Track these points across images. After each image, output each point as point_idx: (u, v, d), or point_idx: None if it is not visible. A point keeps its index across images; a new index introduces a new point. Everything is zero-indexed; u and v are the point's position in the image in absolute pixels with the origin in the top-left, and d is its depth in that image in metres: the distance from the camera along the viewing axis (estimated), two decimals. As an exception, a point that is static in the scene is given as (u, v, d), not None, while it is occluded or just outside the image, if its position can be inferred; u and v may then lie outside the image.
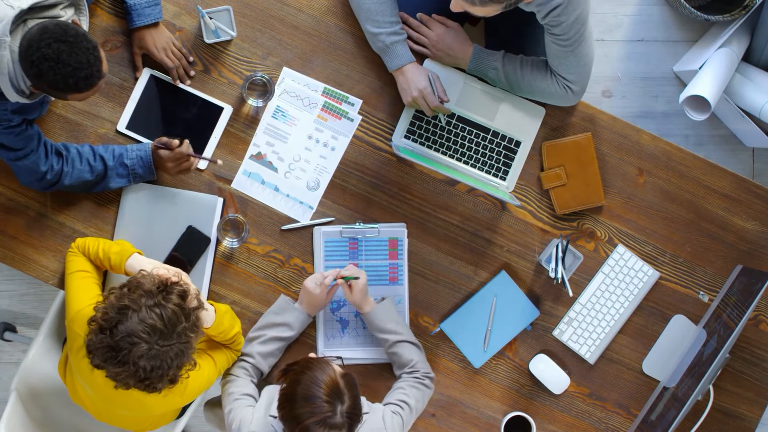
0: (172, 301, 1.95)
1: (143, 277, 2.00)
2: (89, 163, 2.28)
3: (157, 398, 2.10)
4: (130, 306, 1.92)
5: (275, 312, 2.35)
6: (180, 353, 1.95)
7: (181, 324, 1.95)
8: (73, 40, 1.91)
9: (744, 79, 2.97)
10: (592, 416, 2.47)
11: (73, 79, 1.92)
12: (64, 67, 1.91)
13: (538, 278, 2.45)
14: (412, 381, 2.31)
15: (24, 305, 3.17)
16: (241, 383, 2.26)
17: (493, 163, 2.43)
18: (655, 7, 3.21)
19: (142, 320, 1.91)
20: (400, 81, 2.34)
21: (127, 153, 2.30)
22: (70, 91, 1.95)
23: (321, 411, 1.98)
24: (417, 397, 2.29)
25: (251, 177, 2.41)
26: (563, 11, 2.12)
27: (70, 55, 1.91)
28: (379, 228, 2.41)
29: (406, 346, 2.33)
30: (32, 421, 2.46)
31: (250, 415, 2.17)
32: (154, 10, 2.30)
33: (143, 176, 2.32)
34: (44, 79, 1.92)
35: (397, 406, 2.25)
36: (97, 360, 1.94)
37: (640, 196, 2.45)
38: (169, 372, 1.96)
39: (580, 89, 2.32)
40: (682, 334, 2.47)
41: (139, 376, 1.93)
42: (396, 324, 2.33)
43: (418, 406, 2.29)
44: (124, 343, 1.90)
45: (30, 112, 2.17)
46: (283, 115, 2.41)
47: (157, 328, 1.91)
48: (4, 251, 2.39)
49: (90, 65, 1.93)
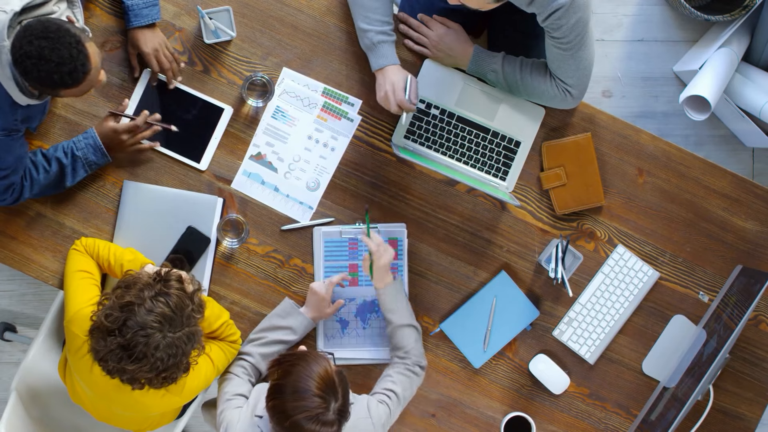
0: (173, 286, 1.95)
1: (137, 274, 1.99)
2: (45, 170, 2.27)
3: (156, 398, 2.10)
4: (134, 301, 1.91)
5: (279, 315, 2.34)
6: (191, 336, 1.95)
7: (188, 307, 1.95)
8: (55, 36, 1.90)
9: (744, 79, 2.97)
10: (592, 416, 2.47)
11: (58, 75, 1.91)
12: (46, 64, 1.90)
13: (538, 278, 2.45)
14: (401, 368, 2.28)
15: (24, 305, 3.17)
16: (237, 382, 2.25)
17: (492, 164, 2.43)
18: (655, 7, 3.21)
19: (150, 311, 1.90)
20: (379, 79, 2.32)
21: (76, 145, 2.29)
22: (59, 87, 1.94)
23: (313, 406, 1.92)
24: (405, 384, 2.26)
25: (251, 177, 2.41)
26: (564, 14, 2.11)
27: (52, 51, 1.90)
28: (379, 228, 2.41)
29: (405, 330, 2.31)
30: (32, 421, 2.46)
31: (237, 415, 2.14)
32: (152, 11, 2.30)
33: (97, 162, 2.32)
34: (30, 77, 1.92)
35: (383, 395, 2.22)
36: (111, 364, 1.92)
37: (640, 196, 2.45)
38: (183, 359, 1.96)
39: (579, 93, 2.32)
40: (682, 334, 2.47)
41: (158, 367, 1.92)
42: (401, 306, 2.32)
43: (405, 394, 2.26)
44: (138, 337, 1.89)
45: (33, 119, 2.17)
46: (283, 116, 2.41)
47: (167, 316, 1.91)
48: (4, 251, 2.39)
49: (73, 59, 1.91)
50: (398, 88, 2.28)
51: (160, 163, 2.40)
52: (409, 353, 2.30)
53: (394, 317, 2.31)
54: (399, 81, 2.28)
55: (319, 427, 1.93)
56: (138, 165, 2.39)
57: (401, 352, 2.30)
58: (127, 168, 2.39)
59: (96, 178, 2.38)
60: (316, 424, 1.92)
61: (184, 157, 2.39)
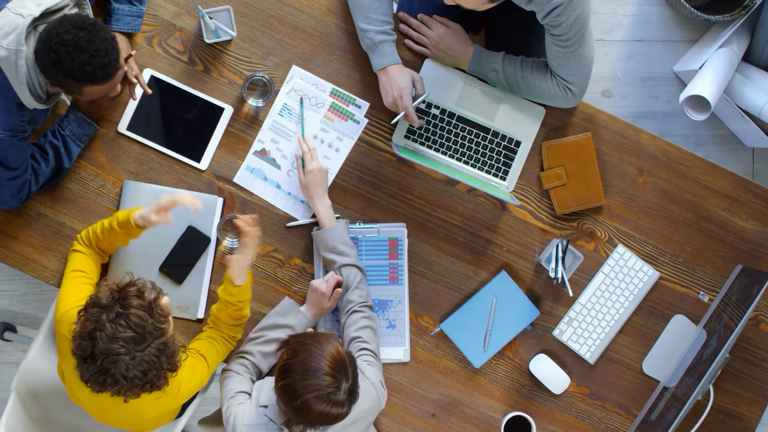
0: (131, 305, 1.93)
1: (99, 291, 1.98)
2: (44, 159, 2.28)
3: (148, 402, 2.10)
4: (96, 327, 1.91)
5: (279, 314, 2.34)
6: (162, 346, 1.95)
7: (148, 322, 1.93)
8: (92, 29, 1.93)
9: (744, 79, 2.97)
10: (592, 416, 2.47)
11: (90, 66, 1.93)
12: (81, 54, 1.92)
13: (538, 278, 2.45)
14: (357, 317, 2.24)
15: (24, 305, 3.17)
16: (239, 380, 2.25)
17: (493, 163, 2.43)
18: (655, 7, 3.22)
19: (112, 337, 1.90)
20: (383, 81, 2.33)
21: (61, 124, 2.30)
22: (87, 81, 1.96)
23: (324, 385, 1.89)
24: (370, 336, 2.24)
25: (254, 173, 2.41)
26: (563, 11, 2.11)
27: (89, 41, 1.92)
28: (379, 228, 2.41)
29: (352, 270, 2.30)
30: (32, 421, 2.46)
31: (242, 410, 2.15)
32: (134, 21, 2.32)
33: (84, 132, 2.32)
34: (61, 66, 1.93)
35: (365, 356, 2.20)
36: (96, 387, 1.95)
37: (640, 196, 2.45)
38: (163, 369, 1.96)
39: (580, 91, 2.32)
40: (682, 334, 2.47)
41: (136, 384, 1.93)
42: (347, 246, 2.31)
43: (376, 343, 2.25)
44: (107, 363, 1.90)
45: (38, 120, 2.19)
46: (290, 113, 2.41)
47: (129, 338, 1.91)
48: (4, 251, 2.39)
49: (107, 54, 1.95)
50: (405, 94, 2.29)
51: (160, 163, 2.40)
52: (353, 302, 2.26)
53: (338, 258, 2.29)
54: (407, 87, 2.30)
55: (330, 407, 1.90)
56: (138, 164, 2.39)
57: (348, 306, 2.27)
58: (127, 168, 2.39)
59: (96, 177, 2.39)
60: (327, 404, 1.89)
61: (184, 157, 2.39)
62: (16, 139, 2.13)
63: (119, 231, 2.20)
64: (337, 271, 2.30)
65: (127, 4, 2.30)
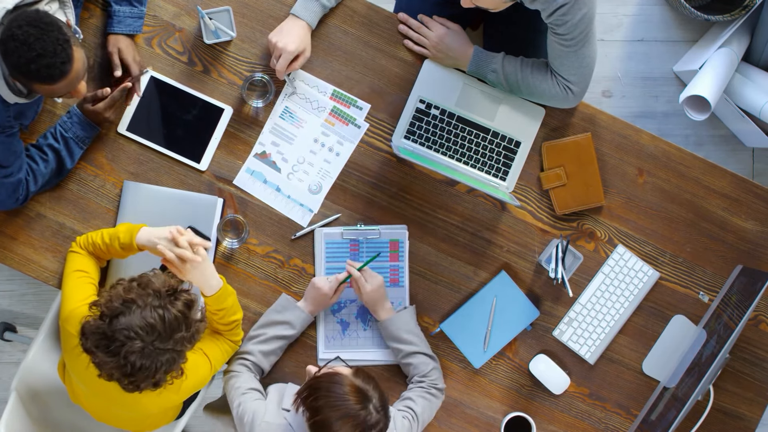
0: (177, 306, 1.94)
1: (155, 276, 1.99)
2: (43, 160, 2.28)
3: (152, 397, 2.10)
4: (136, 301, 1.91)
5: (276, 310, 2.35)
6: (171, 360, 1.95)
7: (180, 332, 1.94)
8: (45, 27, 1.88)
9: (744, 79, 2.97)
10: (592, 416, 2.47)
11: (35, 65, 1.88)
12: (29, 51, 1.87)
13: (538, 278, 2.45)
14: (419, 390, 2.31)
15: (24, 305, 3.17)
16: (246, 377, 2.25)
17: (493, 164, 2.43)
18: (655, 7, 3.21)
19: (143, 317, 1.90)
20: (286, 26, 2.32)
21: (63, 126, 2.29)
22: (33, 79, 1.92)
23: (359, 419, 1.95)
24: (424, 405, 2.28)
25: (254, 175, 2.41)
26: (569, 10, 2.10)
27: (37, 40, 1.87)
28: (380, 230, 2.41)
29: (420, 357, 2.34)
30: (32, 421, 2.46)
31: (263, 407, 2.16)
32: (136, 23, 2.31)
33: (87, 135, 2.32)
34: (8, 60, 1.90)
35: (405, 412, 2.25)
36: (88, 343, 1.93)
37: (640, 196, 2.45)
38: (156, 375, 1.94)
39: (581, 91, 2.31)
40: (682, 334, 2.47)
41: (125, 370, 1.91)
42: (413, 335, 2.34)
43: (424, 416, 2.28)
44: (120, 335, 1.89)
45: (26, 116, 2.17)
46: (291, 116, 2.41)
47: (156, 329, 1.91)
48: (4, 251, 2.39)
49: (55, 55, 1.89)
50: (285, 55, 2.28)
51: (160, 163, 2.40)
52: (427, 374, 2.32)
53: (405, 347, 2.33)
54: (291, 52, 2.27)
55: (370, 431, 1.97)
56: (138, 165, 2.39)
57: (419, 376, 2.33)
58: (127, 168, 2.39)
59: (96, 178, 2.39)
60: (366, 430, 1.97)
61: (184, 158, 2.39)
62: (4, 136, 2.11)
63: (120, 250, 2.21)
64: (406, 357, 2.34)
65: (128, 6, 2.30)
